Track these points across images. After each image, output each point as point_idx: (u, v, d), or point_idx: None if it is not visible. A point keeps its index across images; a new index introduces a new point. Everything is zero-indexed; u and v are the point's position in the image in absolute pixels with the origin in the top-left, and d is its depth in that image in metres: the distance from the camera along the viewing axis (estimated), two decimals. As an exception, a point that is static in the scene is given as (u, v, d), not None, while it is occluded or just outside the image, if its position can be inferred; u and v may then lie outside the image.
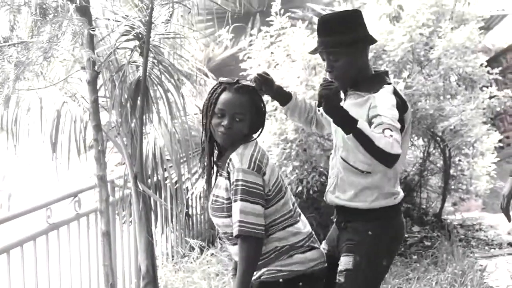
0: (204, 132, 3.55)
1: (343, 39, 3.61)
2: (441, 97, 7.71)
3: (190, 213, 8.31)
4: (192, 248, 7.72)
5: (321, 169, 7.29)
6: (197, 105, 7.89)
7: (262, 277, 3.45)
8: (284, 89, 3.94)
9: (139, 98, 5.14)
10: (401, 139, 3.36)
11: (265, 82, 3.76)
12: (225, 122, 3.40)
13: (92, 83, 4.91)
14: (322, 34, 3.72)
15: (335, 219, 3.89)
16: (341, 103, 3.43)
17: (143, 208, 5.26)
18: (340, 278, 3.62)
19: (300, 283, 3.47)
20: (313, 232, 3.60)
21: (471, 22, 7.95)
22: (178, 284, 6.65)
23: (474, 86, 8.09)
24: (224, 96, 3.44)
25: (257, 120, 3.52)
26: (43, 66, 4.91)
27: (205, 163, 3.62)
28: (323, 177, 7.32)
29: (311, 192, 7.44)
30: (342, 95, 3.58)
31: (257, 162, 3.37)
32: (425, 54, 7.72)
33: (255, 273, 3.45)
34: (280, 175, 3.54)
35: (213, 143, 3.57)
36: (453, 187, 8.93)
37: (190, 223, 8.27)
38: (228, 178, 3.39)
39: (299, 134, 7.16)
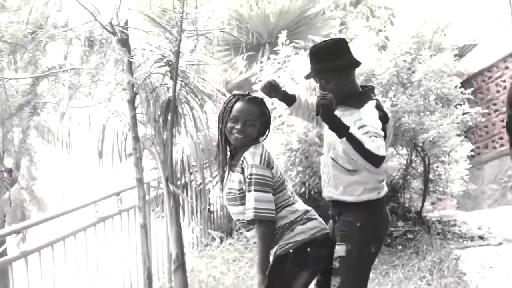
0: (219, 135, 3.66)
1: (331, 65, 3.65)
2: (422, 114, 7.74)
3: (211, 209, 8.35)
4: (213, 238, 7.77)
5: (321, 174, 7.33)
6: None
7: (277, 253, 3.55)
8: (289, 92, 4.00)
9: (169, 114, 5.18)
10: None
11: (273, 88, 3.85)
12: (238, 126, 3.54)
13: (131, 102, 4.97)
14: (313, 62, 3.76)
15: (330, 213, 3.94)
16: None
17: (173, 205, 5.29)
18: (336, 264, 3.65)
19: (308, 249, 3.57)
20: (310, 209, 3.71)
21: (447, 50, 7.97)
22: (202, 268, 6.70)
23: (449, 104, 8.10)
24: (238, 105, 3.58)
25: (264, 126, 3.66)
26: (91, 88, 4.98)
27: (220, 161, 3.72)
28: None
29: (312, 192, 7.48)
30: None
31: (266, 158, 3.51)
32: (408, 77, 7.76)
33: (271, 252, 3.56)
34: (282, 172, 3.68)
35: (227, 144, 3.68)
36: (431, 189, 8.92)
37: (212, 217, 8.31)
38: (242, 173, 3.50)
39: (302, 144, 7.22)
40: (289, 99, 4.01)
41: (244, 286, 6.13)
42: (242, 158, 3.54)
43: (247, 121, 3.56)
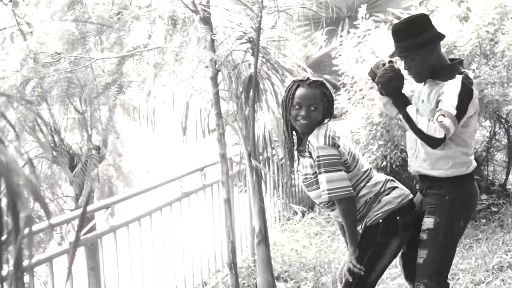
0: (285, 123, 3.65)
1: (415, 41, 3.59)
2: (505, 85, 7.50)
3: (293, 183, 8.36)
4: (295, 212, 7.77)
5: (402, 147, 7.22)
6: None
7: (367, 224, 3.55)
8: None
9: (251, 90, 5.19)
10: (456, 123, 3.39)
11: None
12: (302, 113, 3.52)
13: (214, 79, 4.98)
14: (396, 40, 3.70)
15: (418, 187, 3.89)
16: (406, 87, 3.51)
17: (256, 179, 5.32)
18: (423, 236, 3.64)
19: (398, 217, 3.56)
20: (390, 178, 3.70)
21: (531, 19, 7.70)
22: (285, 242, 6.72)
23: (534, 75, 7.85)
24: (299, 91, 3.55)
25: (328, 108, 3.61)
26: (175, 66, 5.03)
27: (288, 149, 3.71)
28: (404, 154, 7.25)
29: (393, 166, 7.39)
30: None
31: (330, 137, 3.47)
32: (490, 48, 7.53)
33: (360, 224, 3.55)
34: (351, 147, 3.63)
35: (292, 131, 3.67)
36: (516, 161, 8.70)
37: (294, 191, 8.30)
38: (311, 157, 3.47)
39: (383, 118, 7.11)
40: None
41: (327, 259, 6.11)
42: (307, 142, 3.52)
43: (311, 106, 3.52)
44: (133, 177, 9.01)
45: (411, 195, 3.69)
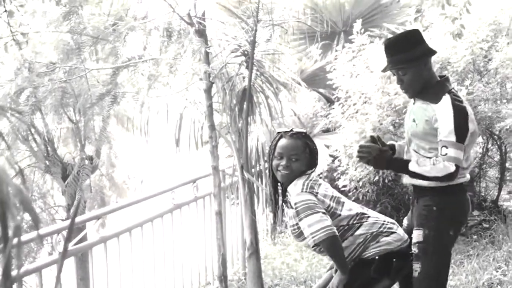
0: (269, 174, 3.70)
1: (407, 56, 3.63)
2: (498, 102, 7.54)
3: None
4: (287, 226, 7.78)
5: (395, 162, 7.25)
6: (292, 109, 7.94)
7: (363, 256, 3.55)
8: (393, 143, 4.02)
9: (245, 103, 5.20)
10: (461, 146, 3.43)
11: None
12: (283, 163, 3.54)
13: (208, 91, 5.00)
14: (389, 54, 3.73)
15: (411, 200, 3.92)
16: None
17: (248, 192, 5.32)
18: (415, 249, 3.66)
19: (394, 259, 3.61)
20: (389, 220, 3.70)
21: (525, 38, 7.76)
22: (276, 255, 6.72)
23: (527, 92, 7.91)
24: (281, 142, 3.59)
25: (311, 159, 3.62)
26: (169, 78, 5.05)
27: (272, 199, 3.76)
28: (396, 169, 7.27)
29: (386, 180, 7.41)
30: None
31: (308, 185, 3.48)
32: (484, 65, 7.57)
33: (355, 255, 3.53)
34: (334, 192, 3.63)
35: (277, 182, 3.69)
36: (508, 178, 8.73)
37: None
38: (292, 208, 3.49)
39: (376, 133, 7.13)
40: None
41: (318, 273, 6.11)
42: (287, 193, 3.56)
43: (292, 156, 3.55)
44: (126, 187, 9.00)
45: (409, 241, 3.69)
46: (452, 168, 3.36)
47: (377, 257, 3.56)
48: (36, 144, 6.79)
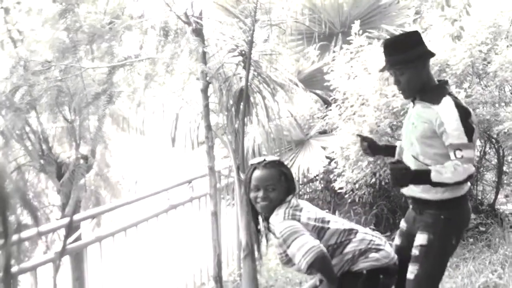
0: (247, 207, 3.74)
1: (406, 56, 3.64)
2: (497, 105, 7.56)
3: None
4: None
5: (392, 165, 7.26)
6: (289, 110, 7.95)
7: (351, 270, 3.55)
8: (391, 144, 4.01)
9: (241, 103, 5.21)
10: (473, 146, 3.45)
11: (372, 145, 3.97)
12: (261, 194, 3.54)
13: (204, 91, 5.01)
14: (387, 54, 3.76)
15: (411, 205, 3.92)
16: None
17: (244, 193, 5.35)
18: (416, 251, 3.67)
19: (381, 276, 3.60)
20: (376, 235, 3.72)
21: (525, 41, 7.78)
22: (271, 256, 6.73)
23: (526, 95, 7.94)
24: (256, 174, 3.59)
25: (288, 185, 3.63)
26: (166, 77, 5.05)
27: (253, 231, 3.82)
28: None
29: (383, 183, 7.43)
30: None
31: (290, 212, 3.49)
32: (483, 68, 7.59)
33: (343, 270, 3.54)
34: (318, 213, 3.62)
35: (257, 214, 3.71)
36: (505, 181, 8.76)
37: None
38: (277, 237, 3.50)
39: (373, 135, 7.14)
40: (392, 150, 4.10)
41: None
42: (271, 226, 3.56)
43: (268, 187, 3.55)
44: (121, 187, 9.00)
45: (396, 258, 3.70)
46: (472, 169, 3.36)
47: (365, 271, 3.57)
48: (31, 143, 6.80)
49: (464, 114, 3.50)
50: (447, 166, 3.39)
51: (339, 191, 7.88)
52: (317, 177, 9.12)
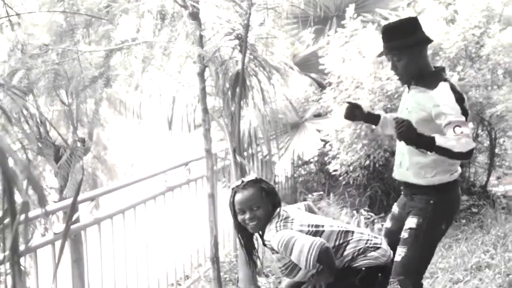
0: (236, 230, 3.75)
1: (403, 42, 3.65)
2: (489, 88, 7.59)
3: (276, 180, 8.38)
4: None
5: (386, 147, 7.27)
6: (284, 93, 7.95)
7: (351, 266, 3.58)
8: (373, 112, 4.01)
9: (238, 87, 5.21)
10: (469, 126, 3.43)
11: (355, 109, 3.99)
12: (247, 216, 3.54)
13: (201, 75, 5.00)
14: (385, 40, 3.76)
15: (402, 190, 3.95)
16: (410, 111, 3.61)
17: (240, 175, 5.35)
18: (405, 234, 3.70)
19: (379, 274, 3.66)
20: (372, 235, 3.75)
21: (517, 24, 7.79)
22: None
23: (518, 79, 7.96)
24: (237, 197, 3.59)
25: (272, 199, 3.62)
26: (163, 61, 5.04)
27: (245, 251, 3.82)
28: (387, 153, 7.32)
29: (377, 165, 7.46)
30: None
31: (282, 224, 3.49)
32: (476, 51, 7.61)
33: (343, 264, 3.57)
34: (310, 219, 3.64)
35: (250, 235, 3.72)
36: (497, 163, 8.79)
37: (277, 188, 8.33)
38: (276, 252, 3.51)
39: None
40: (374, 119, 4.09)
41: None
42: (267, 243, 3.55)
43: (252, 207, 3.55)
44: (118, 170, 9.00)
45: (392, 255, 3.74)
46: (473, 144, 3.35)
47: (363, 268, 3.60)
48: (28, 126, 6.78)
49: (460, 98, 3.51)
50: (450, 137, 3.37)
51: (333, 173, 7.91)
52: (312, 160, 9.13)
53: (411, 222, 3.70)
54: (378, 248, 3.64)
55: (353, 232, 3.65)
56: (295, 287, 3.78)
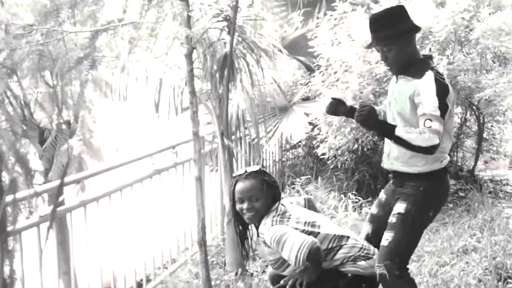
0: (234, 219, 3.76)
1: (392, 32, 3.64)
2: (478, 72, 7.61)
3: (264, 164, 8.38)
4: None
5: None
6: (273, 76, 7.93)
7: (338, 269, 3.61)
8: (356, 107, 4.04)
9: (226, 69, 5.20)
10: (443, 121, 3.46)
11: (338, 104, 4.02)
12: (245, 206, 3.55)
13: (188, 57, 4.96)
14: (374, 31, 3.75)
15: (391, 179, 3.96)
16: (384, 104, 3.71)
17: (228, 158, 5.35)
18: (393, 219, 3.72)
19: (363, 284, 3.69)
20: (366, 244, 3.75)
21: (507, 8, 7.78)
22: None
23: (507, 63, 8.00)
24: (238, 186, 3.61)
25: (272, 192, 3.65)
26: (150, 42, 5.00)
27: (240, 242, 3.87)
28: (375, 138, 7.34)
29: (365, 149, 7.48)
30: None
31: (278, 219, 3.52)
32: (465, 35, 7.62)
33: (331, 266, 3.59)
34: (308, 216, 3.66)
35: (245, 225, 3.77)
36: (485, 148, 8.88)
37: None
38: (269, 247, 3.53)
39: (356, 101, 7.16)
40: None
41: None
42: (261, 235, 3.58)
43: (252, 197, 3.57)
44: (104, 153, 8.94)
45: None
46: (436, 140, 3.39)
47: (350, 274, 3.63)
48: (12, 108, 6.71)
49: (442, 90, 3.53)
50: (414, 130, 3.45)
51: (321, 157, 7.92)
52: (300, 143, 9.14)
53: (399, 207, 3.72)
54: (369, 258, 3.67)
55: (348, 237, 3.67)
56: (277, 278, 3.79)
